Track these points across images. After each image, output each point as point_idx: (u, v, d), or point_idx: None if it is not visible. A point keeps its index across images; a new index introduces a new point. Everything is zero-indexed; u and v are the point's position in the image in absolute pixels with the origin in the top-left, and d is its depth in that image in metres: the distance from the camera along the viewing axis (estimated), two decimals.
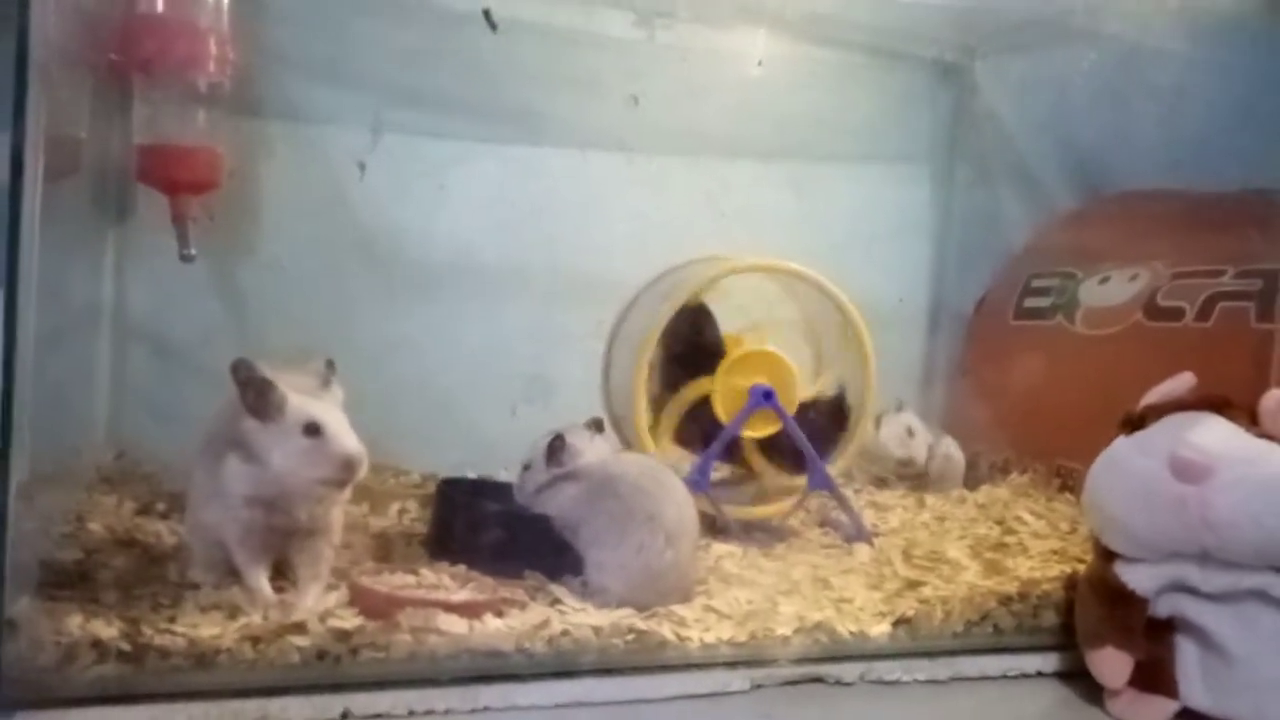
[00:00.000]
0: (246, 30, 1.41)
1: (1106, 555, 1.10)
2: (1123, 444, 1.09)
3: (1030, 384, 1.73)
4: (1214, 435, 1.02)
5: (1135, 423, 1.10)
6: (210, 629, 0.92)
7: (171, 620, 0.93)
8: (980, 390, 1.85)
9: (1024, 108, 1.89)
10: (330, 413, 1.00)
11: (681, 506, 1.15)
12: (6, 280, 0.82)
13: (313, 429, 0.97)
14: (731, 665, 1.05)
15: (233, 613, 0.96)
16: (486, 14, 1.51)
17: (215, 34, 1.35)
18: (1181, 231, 1.66)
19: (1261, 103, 1.69)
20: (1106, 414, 1.57)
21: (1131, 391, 1.53)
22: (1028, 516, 1.47)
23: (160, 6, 1.33)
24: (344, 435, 0.98)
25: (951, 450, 1.69)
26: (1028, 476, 1.67)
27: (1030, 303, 1.81)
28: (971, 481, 1.71)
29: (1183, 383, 1.10)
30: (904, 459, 1.66)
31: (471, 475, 1.53)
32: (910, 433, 1.65)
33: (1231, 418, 1.06)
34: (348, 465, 0.97)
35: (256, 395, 0.98)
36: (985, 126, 1.91)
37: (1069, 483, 1.62)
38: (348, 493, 1.02)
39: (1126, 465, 1.06)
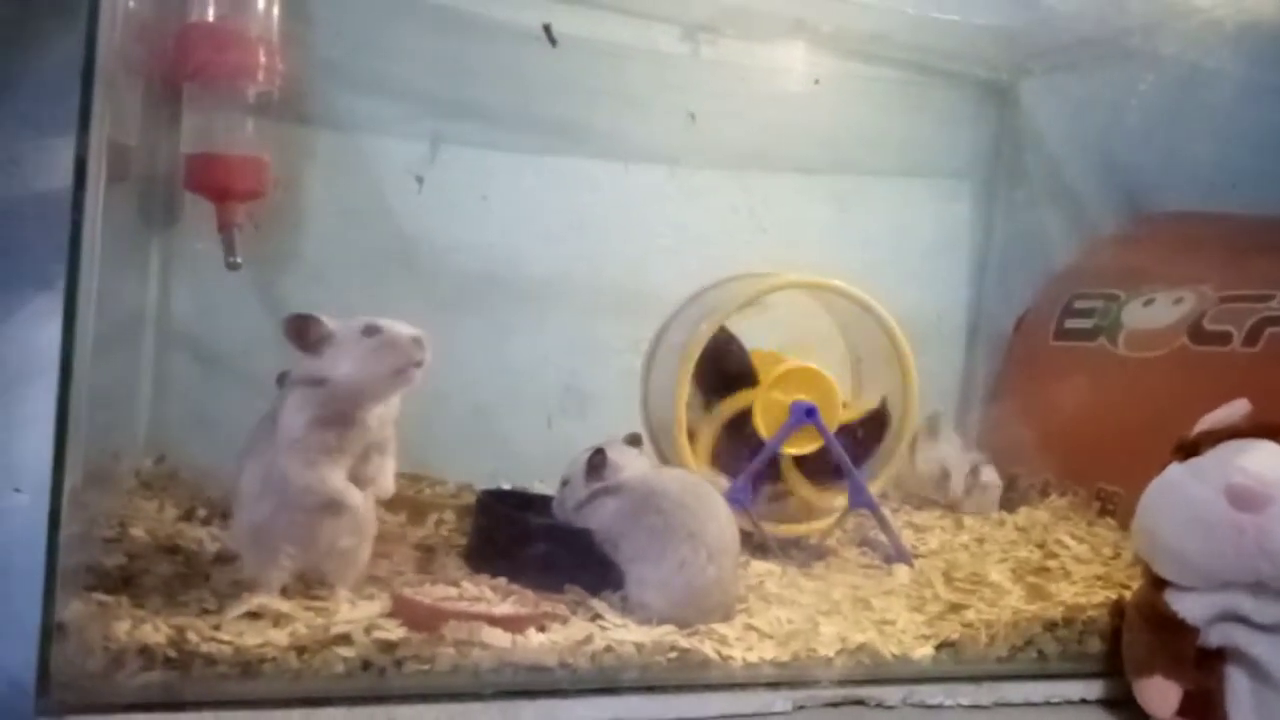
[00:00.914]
0: (296, 40, 1.43)
1: (1157, 583, 1.08)
2: (1177, 470, 1.07)
3: (1070, 405, 1.71)
4: (1272, 463, 1.00)
5: (1189, 449, 1.08)
6: (256, 637, 0.92)
7: (217, 628, 0.93)
8: (1020, 410, 1.83)
9: (1070, 127, 1.88)
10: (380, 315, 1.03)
11: (723, 523, 1.14)
12: (66, 288, 0.83)
13: (371, 329, 1.02)
14: (774, 685, 1.05)
15: (278, 621, 0.95)
16: (547, 29, 1.52)
17: (265, 43, 1.36)
18: (1229, 255, 1.64)
19: None
20: (1149, 438, 1.55)
21: (1175, 416, 1.51)
22: (1069, 540, 1.45)
23: (211, 15, 1.35)
24: (400, 324, 1.03)
25: (989, 478, 1.67)
26: (1067, 500, 1.65)
27: (1072, 323, 1.79)
28: (1009, 503, 1.69)
29: (1237, 409, 1.09)
30: (941, 498, 1.64)
31: (506, 486, 1.54)
32: (945, 474, 1.63)
33: None
34: (416, 344, 1.02)
35: (306, 331, 1.02)
36: (1030, 145, 1.89)
37: (1109, 506, 1.60)
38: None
39: (1181, 492, 1.05)
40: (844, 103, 1.78)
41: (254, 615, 0.96)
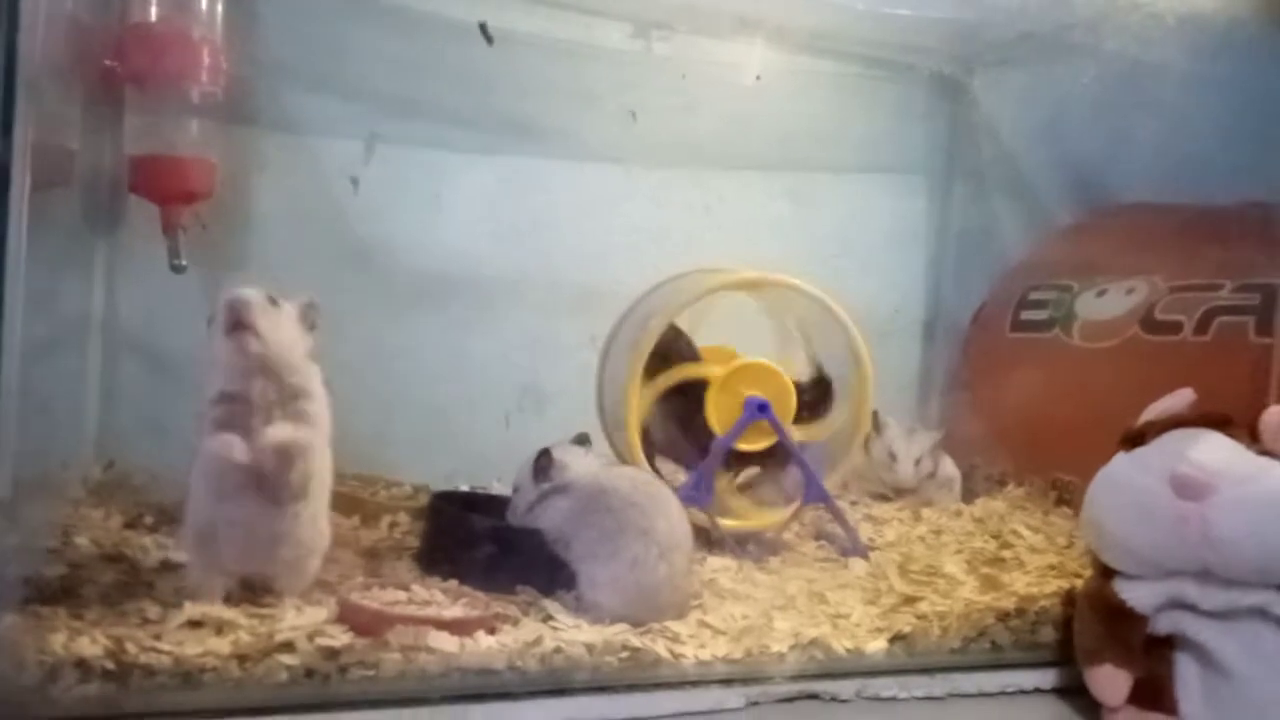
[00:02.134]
0: (240, 40, 1.41)
1: (1105, 572, 1.09)
2: (1122, 461, 1.08)
3: (1027, 396, 1.72)
4: (1215, 452, 1.01)
5: (1135, 439, 1.09)
6: (197, 647, 0.91)
7: (158, 638, 0.92)
8: (977, 402, 1.84)
9: (1022, 120, 1.89)
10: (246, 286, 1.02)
11: (674, 520, 1.14)
12: None
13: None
14: (727, 683, 1.04)
15: (220, 629, 0.94)
16: (483, 27, 1.50)
17: (208, 44, 1.34)
18: (1179, 245, 1.65)
19: (1259, 116, 1.69)
20: (1103, 427, 1.55)
21: (1129, 405, 1.53)
22: (1024, 530, 1.46)
23: (153, 16, 1.33)
24: (241, 289, 1.01)
25: (948, 471, 1.68)
26: (1024, 490, 1.66)
27: (1027, 315, 1.80)
28: (967, 494, 1.70)
29: (1182, 399, 1.10)
30: (891, 483, 1.65)
31: (464, 487, 1.52)
32: (893, 456, 1.63)
33: (1232, 434, 1.05)
34: (230, 307, 0.99)
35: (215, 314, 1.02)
36: (984, 138, 1.90)
37: (1065, 496, 1.61)
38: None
39: (1126, 482, 1.06)
40: (798, 99, 1.78)
41: (196, 624, 0.95)
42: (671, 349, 1.33)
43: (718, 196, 1.75)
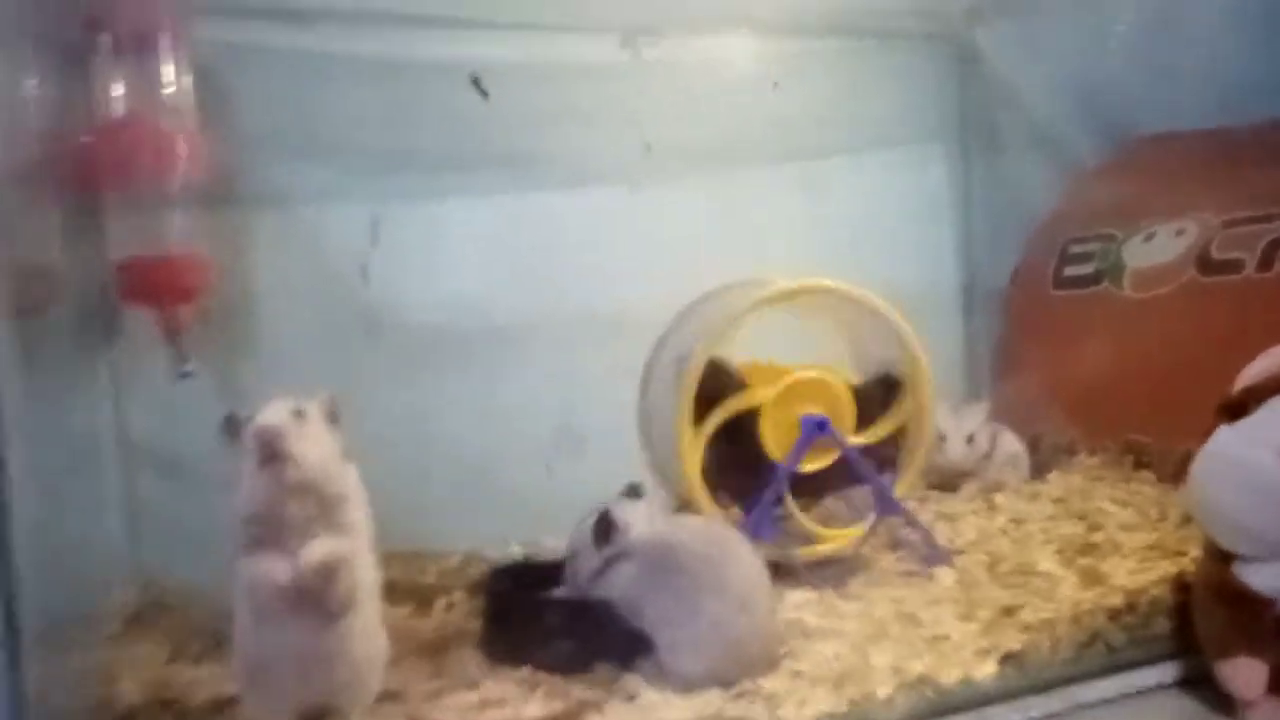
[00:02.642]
0: (215, 119, 1.33)
1: (1222, 556, 1.00)
2: (1226, 435, 0.99)
3: (1083, 356, 1.64)
4: None
5: (1235, 409, 1.00)
6: None
7: None
8: (1029, 369, 1.76)
9: (1034, 66, 1.80)
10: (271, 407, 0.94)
11: (749, 566, 1.06)
12: None
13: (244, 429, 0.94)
14: None
15: None
16: (476, 82, 1.43)
17: (182, 132, 1.26)
18: (1222, 174, 1.56)
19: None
20: (1171, 381, 1.49)
21: (1195, 354, 1.45)
22: (1111, 506, 1.38)
23: (119, 112, 1.25)
24: (266, 412, 0.93)
25: (1008, 447, 1.60)
26: (1098, 458, 1.57)
27: (1071, 271, 1.71)
28: (1036, 468, 1.61)
29: (1278, 358, 1.01)
30: (945, 466, 1.56)
31: (517, 549, 1.46)
32: (941, 437, 1.54)
33: None
34: (259, 436, 0.91)
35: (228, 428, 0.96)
36: (996, 93, 1.81)
37: (1144, 459, 1.53)
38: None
39: (1234, 459, 0.97)
40: (796, 83, 1.69)
41: None
42: (716, 385, 1.25)
43: (730, 200, 1.67)
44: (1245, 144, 1.56)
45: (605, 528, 1.09)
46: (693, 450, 1.24)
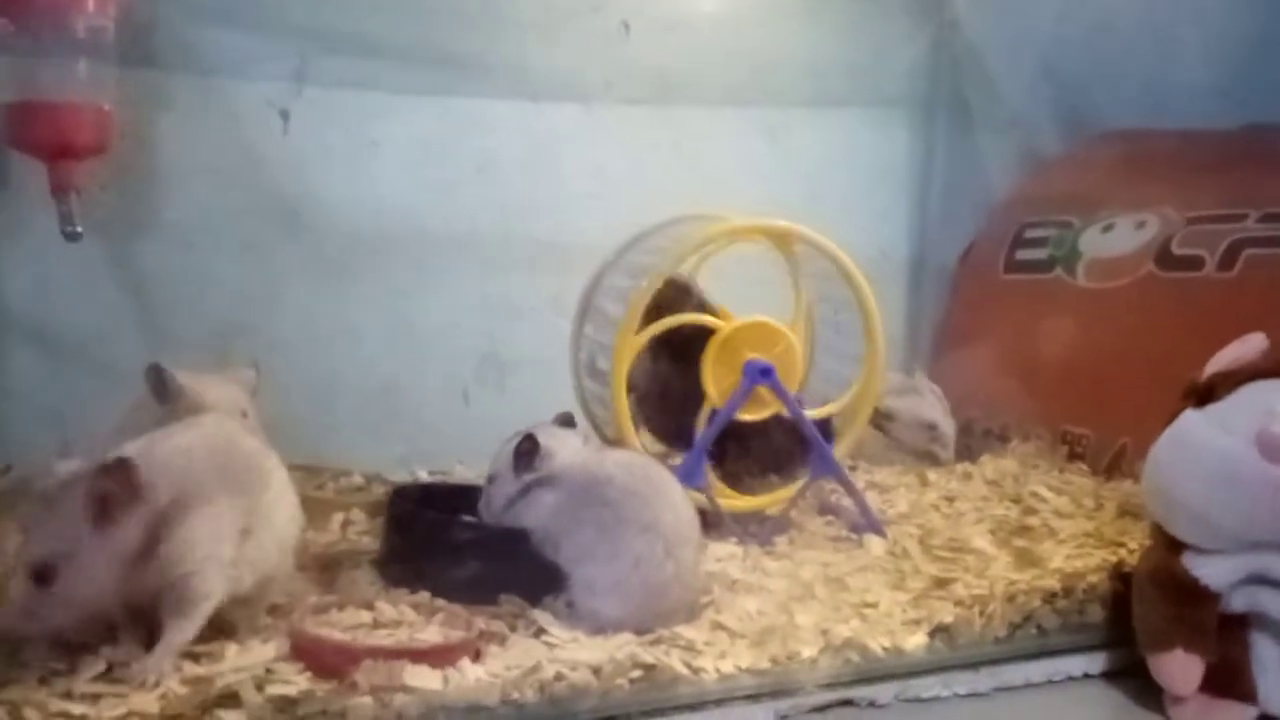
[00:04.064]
0: None
1: (1172, 546, 0.96)
2: (1194, 420, 0.94)
3: (1027, 342, 1.60)
4: None
5: (1204, 394, 0.95)
6: (117, 707, 0.73)
7: (67, 697, 0.74)
8: (971, 350, 1.71)
9: (1007, 41, 1.75)
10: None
11: (680, 509, 0.99)
12: None
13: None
14: (753, 698, 0.90)
15: (144, 681, 0.76)
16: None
17: None
18: (1189, 173, 1.53)
19: (1256, 36, 1.58)
20: (1118, 374, 1.45)
21: (1146, 349, 1.42)
22: (1045, 492, 1.34)
23: None
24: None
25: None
26: (1032, 444, 1.53)
27: (1024, 254, 1.67)
28: (967, 451, 1.57)
29: (1253, 345, 0.96)
30: (936, 455, 1.51)
31: (424, 475, 1.36)
32: (932, 425, 1.50)
33: None
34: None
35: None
36: (969, 64, 1.75)
37: (1078, 450, 1.49)
38: None
39: (1203, 445, 0.92)
40: (770, 24, 1.61)
41: (111, 676, 0.77)
42: (680, 300, 1.17)
43: (687, 134, 1.58)
44: (1215, 146, 1.54)
45: (528, 451, 1.00)
46: (625, 356, 1.15)
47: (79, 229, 1.16)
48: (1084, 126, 1.73)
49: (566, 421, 1.07)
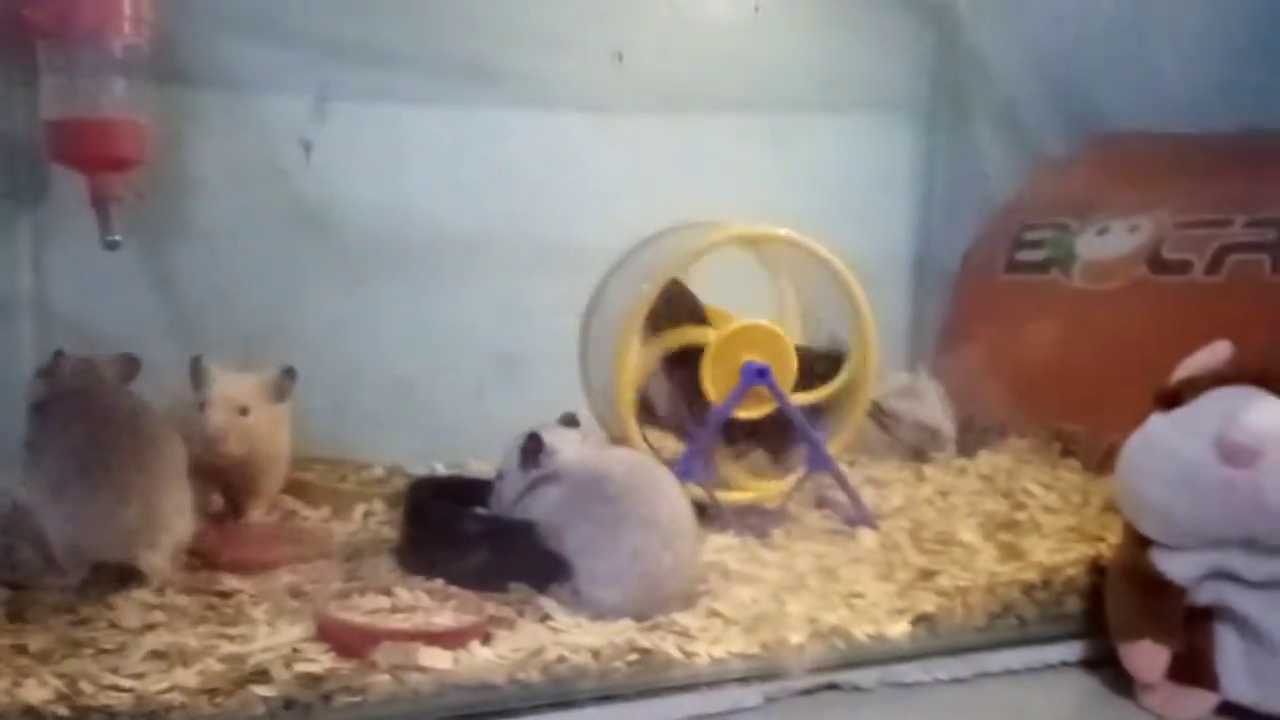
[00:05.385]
0: None
1: (1141, 542, 1.01)
2: (1161, 424, 1.00)
3: (1024, 342, 1.65)
4: (1263, 414, 0.93)
5: (1171, 399, 1.00)
6: (160, 681, 0.81)
7: (115, 671, 0.82)
8: (971, 349, 1.76)
9: (1013, 46, 1.78)
10: None
11: (676, 504, 1.05)
12: None
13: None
14: (743, 680, 0.96)
15: (185, 659, 0.84)
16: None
17: None
18: (1181, 178, 1.57)
19: (1257, 37, 1.61)
20: (1109, 374, 1.50)
21: (1137, 350, 1.46)
22: (1035, 488, 1.39)
23: None
24: None
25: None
26: (1027, 441, 1.58)
27: (1023, 255, 1.72)
28: (965, 445, 1.62)
29: (1219, 353, 1.01)
30: (938, 453, 1.57)
31: (441, 469, 1.43)
32: (935, 430, 1.55)
33: (1275, 390, 0.97)
34: None
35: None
36: (972, 68, 1.79)
37: (1070, 447, 1.54)
38: None
39: (1167, 448, 0.97)
40: (776, 33, 1.66)
41: (159, 654, 0.84)
42: (677, 307, 1.23)
43: (695, 141, 1.64)
44: (1210, 150, 1.57)
45: (533, 448, 1.07)
46: (630, 379, 1.21)
47: (118, 238, 1.24)
48: (1085, 127, 1.75)
49: (570, 421, 1.13)
